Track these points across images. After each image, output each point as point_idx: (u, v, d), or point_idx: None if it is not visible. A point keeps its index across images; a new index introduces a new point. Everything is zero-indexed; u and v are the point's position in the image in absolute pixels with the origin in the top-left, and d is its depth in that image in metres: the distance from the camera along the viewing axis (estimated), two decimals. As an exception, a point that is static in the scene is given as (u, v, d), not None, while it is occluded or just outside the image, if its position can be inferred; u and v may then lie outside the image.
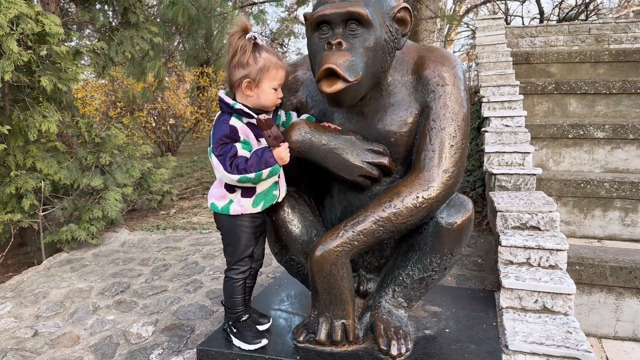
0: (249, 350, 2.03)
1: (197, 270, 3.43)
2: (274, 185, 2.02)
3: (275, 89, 1.97)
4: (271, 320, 2.24)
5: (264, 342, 2.06)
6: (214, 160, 1.88)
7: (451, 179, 2.00)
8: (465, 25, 13.71)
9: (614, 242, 3.50)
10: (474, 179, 4.32)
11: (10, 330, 2.75)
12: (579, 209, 3.66)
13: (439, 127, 2.02)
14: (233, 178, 1.86)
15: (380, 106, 2.12)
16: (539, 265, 2.57)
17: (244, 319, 2.08)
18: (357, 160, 2.06)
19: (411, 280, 2.13)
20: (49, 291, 3.23)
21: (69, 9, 5.63)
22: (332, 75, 1.85)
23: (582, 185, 3.62)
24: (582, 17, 8.88)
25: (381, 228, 1.96)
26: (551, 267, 2.55)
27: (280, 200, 2.07)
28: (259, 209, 1.99)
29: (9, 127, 3.48)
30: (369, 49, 1.90)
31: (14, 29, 3.40)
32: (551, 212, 2.78)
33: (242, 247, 2.03)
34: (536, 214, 2.79)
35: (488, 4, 12.11)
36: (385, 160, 2.07)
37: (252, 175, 1.84)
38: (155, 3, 6.69)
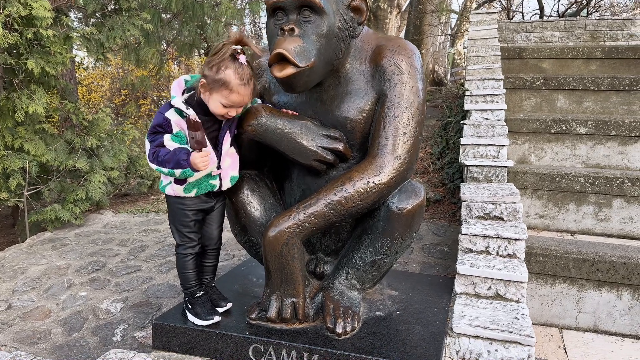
0: (201, 325, 2.11)
1: (172, 252, 3.50)
2: (209, 176, 2.06)
3: (225, 106, 1.94)
4: (230, 304, 2.29)
5: (217, 318, 2.14)
6: (146, 145, 1.98)
7: (403, 165, 2.05)
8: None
9: (587, 237, 3.54)
10: (452, 171, 4.36)
11: (-15, 303, 2.85)
12: (554, 202, 3.69)
13: (393, 114, 2.07)
14: (152, 166, 1.97)
15: (338, 93, 2.17)
16: (497, 254, 2.62)
17: (198, 295, 2.15)
18: (312, 145, 2.11)
19: (363, 263, 2.20)
20: (28, 267, 3.33)
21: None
22: (283, 60, 1.91)
23: (557, 179, 3.65)
24: (584, 13, 8.83)
25: (332, 211, 2.03)
26: (509, 256, 2.60)
27: (223, 189, 2.13)
28: (192, 194, 2.06)
29: (-6, 108, 3.57)
30: (322, 36, 1.95)
31: (0, 11, 3.47)
32: (515, 202, 2.83)
33: (182, 225, 2.11)
34: (500, 205, 2.83)
35: (496, 1, 12.05)
36: (340, 146, 2.12)
37: (165, 170, 1.93)
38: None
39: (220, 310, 2.21)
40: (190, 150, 1.91)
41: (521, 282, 2.38)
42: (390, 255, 2.17)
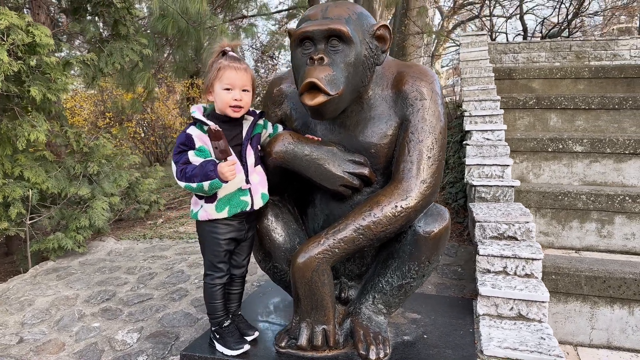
0: (231, 355, 2.08)
1: (182, 279, 3.48)
2: (240, 191, 2.06)
3: (228, 90, 2.00)
4: (257, 332, 2.27)
5: (246, 347, 2.11)
6: (172, 167, 1.99)
7: (428, 189, 2.08)
8: (453, 42, 13.97)
9: (591, 253, 3.60)
10: (455, 190, 4.42)
11: (-5, 337, 2.77)
12: (557, 220, 3.76)
13: (417, 139, 2.11)
14: (181, 184, 1.97)
15: (361, 119, 2.20)
16: (515, 273, 2.65)
17: (226, 324, 2.13)
18: (339, 170, 2.14)
19: (390, 287, 2.20)
20: (35, 299, 3.26)
21: (59, 20, 5.69)
22: (314, 88, 1.94)
23: (560, 197, 3.72)
24: (565, 34, 9.10)
25: (361, 236, 2.04)
26: (527, 275, 2.64)
27: (256, 207, 2.12)
28: (224, 214, 2.04)
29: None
30: (350, 64, 1.99)
31: (5, 39, 3.45)
32: (527, 222, 2.88)
33: (214, 253, 2.09)
34: (513, 225, 2.88)
35: (475, 20, 12.35)
36: (365, 171, 2.15)
37: (194, 185, 1.92)
38: (145, 15, 6.77)
39: (249, 339, 2.19)
40: (217, 161, 1.92)
41: (542, 301, 2.42)
42: (417, 279, 2.18)
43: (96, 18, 5.12)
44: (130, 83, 6.45)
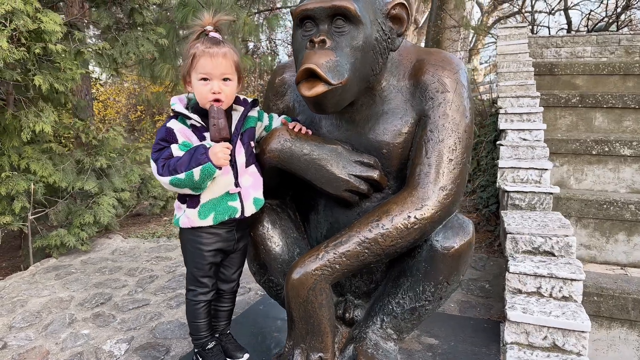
0: (213, 382, 1.82)
1: (183, 284, 3.24)
2: (227, 195, 1.77)
3: (205, 80, 1.70)
4: (247, 355, 1.98)
5: (231, 375, 1.84)
6: (152, 165, 1.70)
7: (449, 197, 1.76)
8: (492, 36, 13.39)
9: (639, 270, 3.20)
10: (487, 195, 4.04)
11: (-21, 341, 2.59)
12: (601, 232, 3.36)
13: (437, 138, 1.79)
14: (164, 181, 1.66)
15: (372, 114, 1.90)
16: (550, 295, 2.30)
17: (209, 346, 1.86)
18: (343, 173, 1.84)
19: (402, 310, 1.90)
20: (29, 299, 3.08)
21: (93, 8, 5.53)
22: (312, 76, 1.64)
23: (605, 206, 3.33)
24: (613, 28, 8.50)
25: (367, 250, 1.73)
26: (564, 298, 2.28)
27: (247, 214, 1.83)
28: (209, 221, 1.75)
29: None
30: (357, 49, 1.69)
31: (7, 24, 3.28)
32: (567, 236, 2.51)
33: (197, 266, 1.81)
34: (550, 238, 2.52)
35: (517, 16, 11.77)
36: (375, 174, 1.85)
37: (182, 175, 1.62)
38: (171, 5, 6.60)
39: (235, 363, 1.92)
40: (208, 145, 1.65)
41: (583, 331, 2.06)
42: (433, 301, 1.87)
43: (114, 7, 4.94)
44: (152, 75, 6.27)
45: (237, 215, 1.80)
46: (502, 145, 3.57)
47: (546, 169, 3.24)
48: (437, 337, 2.22)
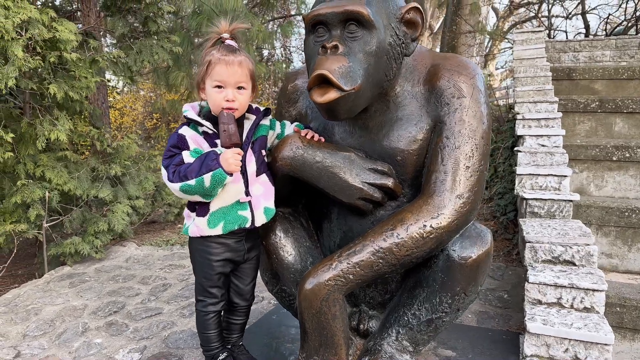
0: (225, 394, 1.78)
1: (197, 292, 3.22)
2: (237, 204, 1.75)
3: (220, 88, 1.69)
4: None
5: (243, 387, 1.81)
6: (162, 172, 1.68)
7: (466, 205, 1.71)
8: (508, 41, 13.25)
9: (664, 280, 3.09)
10: (505, 202, 3.96)
11: (-7, 350, 2.59)
12: (623, 240, 3.27)
13: (453, 145, 1.75)
14: (175, 187, 1.65)
15: (386, 120, 1.86)
16: (571, 306, 2.22)
17: (220, 358, 1.83)
18: (357, 180, 1.80)
19: (418, 322, 1.84)
20: (43, 308, 3.08)
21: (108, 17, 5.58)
22: (325, 82, 1.61)
23: (626, 213, 3.23)
24: (632, 32, 8.34)
25: (381, 260, 1.69)
26: (586, 309, 2.20)
27: (257, 224, 1.80)
28: (218, 230, 1.73)
29: (12, 135, 3.37)
30: (370, 54, 1.65)
31: (22, 34, 3.31)
32: (588, 245, 2.43)
33: (206, 276, 1.79)
34: (571, 247, 2.44)
35: (533, 21, 11.62)
36: (389, 182, 1.80)
37: (192, 182, 1.60)
38: (186, 13, 6.64)
39: (247, 375, 1.88)
40: (219, 152, 1.63)
41: (606, 344, 1.98)
42: (450, 313, 1.81)
43: (129, 16, 4.97)
44: (167, 83, 6.30)
45: (247, 225, 1.77)
46: (520, 151, 3.49)
47: (565, 176, 3.16)
48: (454, 349, 2.16)
